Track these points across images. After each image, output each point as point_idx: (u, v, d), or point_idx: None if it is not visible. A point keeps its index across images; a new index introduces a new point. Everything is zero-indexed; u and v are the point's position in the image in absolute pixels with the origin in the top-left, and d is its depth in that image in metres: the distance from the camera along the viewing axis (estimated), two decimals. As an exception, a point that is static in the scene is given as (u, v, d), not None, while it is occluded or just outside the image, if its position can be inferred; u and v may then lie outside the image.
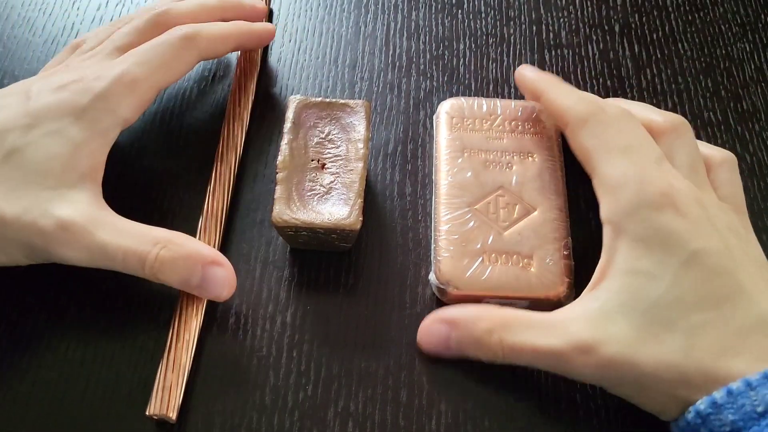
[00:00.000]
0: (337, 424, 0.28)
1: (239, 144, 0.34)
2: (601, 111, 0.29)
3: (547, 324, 0.27)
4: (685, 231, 0.26)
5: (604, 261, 0.27)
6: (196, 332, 0.29)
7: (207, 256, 0.28)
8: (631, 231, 0.26)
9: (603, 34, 0.40)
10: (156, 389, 0.27)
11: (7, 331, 0.30)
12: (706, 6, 0.42)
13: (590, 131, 0.29)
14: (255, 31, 0.36)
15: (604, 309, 0.26)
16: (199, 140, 0.35)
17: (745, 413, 0.23)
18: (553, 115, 0.32)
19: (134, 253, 0.27)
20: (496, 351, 0.27)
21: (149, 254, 0.27)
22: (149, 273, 0.27)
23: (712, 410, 0.23)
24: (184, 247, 0.28)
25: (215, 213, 0.32)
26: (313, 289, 0.31)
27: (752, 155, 0.36)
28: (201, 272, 0.28)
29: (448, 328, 0.28)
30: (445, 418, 0.28)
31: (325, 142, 0.32)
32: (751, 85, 0.38)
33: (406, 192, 0.34)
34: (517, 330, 0.27)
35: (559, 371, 0.27)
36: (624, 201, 0.27)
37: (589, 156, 0.29)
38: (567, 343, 0.26)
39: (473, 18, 0.41)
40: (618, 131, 0.29)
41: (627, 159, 0.28)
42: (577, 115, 0.29)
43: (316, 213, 0.29)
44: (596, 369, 0.26)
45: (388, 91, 0.37)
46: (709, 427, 0.24)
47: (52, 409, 0.28)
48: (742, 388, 0.23)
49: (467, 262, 0.30)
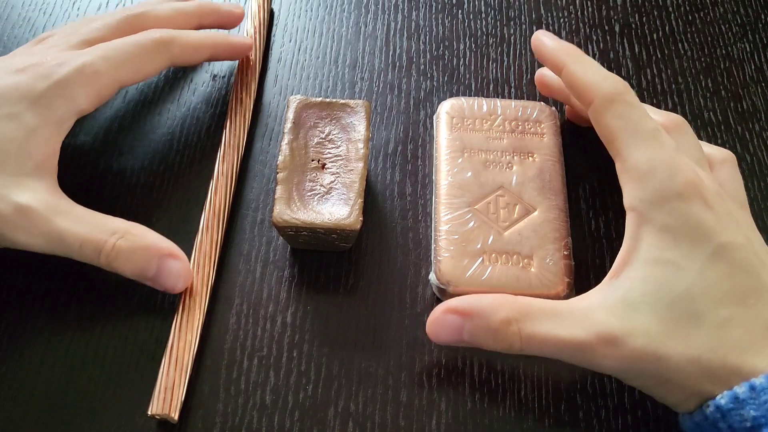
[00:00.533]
0: (337, 424, 0.28)
1: (241, 144, 0.34)
2: (629, 91, 0.28)
3: (569, 313, 0.26)
4: (713, 224, 0.25)
5: (626, 249, 0.27)
6: (198, 331, 0.29)
7: (164, 249, 0.28)
8: (658, 220, 0.26)
9: (603, 34, 0.40)
10: (158, 389, 0.27)
11: (7, 331, 0.30)
12: (707, 6, 0.42)
13: (617, 111, 0.27)
14: (231, 43, 0.36)
15: (628, 299, 0.25)
16: (200, 140, 0.35)
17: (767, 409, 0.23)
18: (576, 91, 0.29)
19: (91, 241, 0.27)
20: (513, 342, 0.26)
21: (106, 243, 0.27)
22: (104, 262, 0.28)
23: (734, 405, 0.23)
24: (142, 238, 0.28)
25: (217, 212, 0.32)
26: (313, 289, 0.31)
27: (752, 155, 0.36)
28: (157, 264, 0.28)
29: (461, 319, 0.27)
30: (445, 418, 0.28)
31: (326, 142, 0.32)
32: (751, 85, 0.38)
33: (406, 192, 0.34)
34: (537, 320, 0.26)
35: (580, 362, 0.26)
36: (651, 189, 0.26)
37: (614, 138, 0.27)
38: (592, 334, 0.25)
39: (473, 18, 0.41)
40: (646, 113, 0.28)
41: (655, 144, 0.27)
42: (604, 94, 0.27)
43: (317, 213, 0.29)
44: (621, 361, 0.25)
45: (388, 91, 0.38)
46: (728, 422, 0.23)
47: (52, 409, 0.28)
48: (765, 384, 0.23)
49: (467, 262, 0.30)
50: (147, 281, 0.29)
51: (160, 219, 0.33)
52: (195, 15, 0.35)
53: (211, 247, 0.31)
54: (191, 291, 0.30)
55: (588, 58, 0.30)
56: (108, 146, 0.35)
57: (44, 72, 0.29)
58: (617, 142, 0.27)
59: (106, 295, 0.31)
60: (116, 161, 0.35)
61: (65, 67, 0.29)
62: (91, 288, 0.31)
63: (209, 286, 0.30)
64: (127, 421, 0.28)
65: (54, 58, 0.30)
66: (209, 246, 0.31)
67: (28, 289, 0.31)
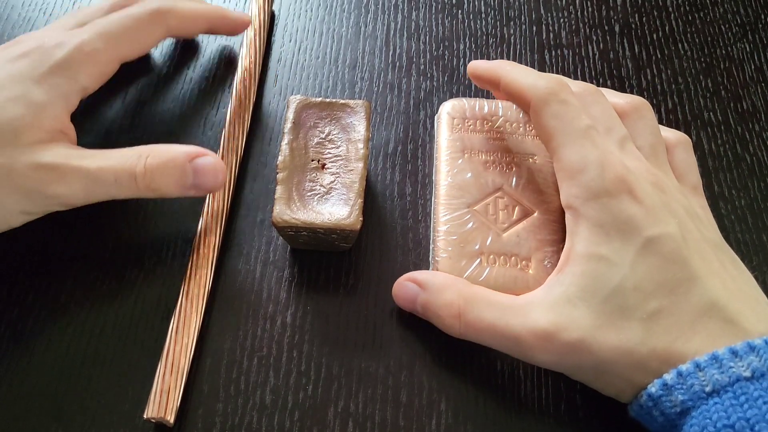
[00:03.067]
0: (337, 424, 0.28)
1: (240, 144, 0.34)
2: (563, 89, 0.28)
3: (510, 306, 0.27)
4: (641, 217, 0.26)
5: (568, 245, 0.27)
6: (195, 335, 0.29)
7: (190, 151, 0.29)
8: (591, 216, 0.26)
9: (603, 35, 0.40)
10: (153, 392, 0.27)
11: (7, 331, 0.30)
12: (706, 6, 0.42)
13: (551, 111, 0.28)
14: (229, 17, 0.36)
15: (567, 294, 0.26)
16: (200, 141, 0.35)
17: (694, 393, 0.23)
18: (514, 98, 0.30)
19: (123, 170, 0.28)
20: (453, 324, 0.28)
21: (137, 167, 0.28)
22: (143, 186, 0.28)
23: (663, 392, 0.24)
24: (168, 151, 0.29)
25: (216, 214, 0.32)
26: (313, 289, 0.31)
27: (752, 155, 0.36)
28: (191, 168, 0.29)
29: (417, 289, 0.29)
30: (445, 418, 0.28)
31: (326, 142, 0.32)
32: (751, 85, 0.38)
33: (406, 192, 0.34)
34: (478, 307, 0.27)
35: (517, 354, 0.27)
36: (584, 186, 0.27)
37: (550, 138, 0.28)
38: (527, 328, 0.26)
39: (473, 18, 0.41)
40: (580, 111, 0.28)
41: (588, 142, 0.27)
42: (538, 94, 0.28)
43: (317, 213, 0.29)
44: (555, 355, 0.26)
45: (388, 92, 0.38)
46: (660, 408, 0.24)
47: (52, 409, 0.28)
48: (691, 369, 0.24)
49: (465, 263, 0.30)
50: (191, 191, 0.29)
51: (160, 219, 0.33)
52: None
53: (209, 250, 0.31)
54: (188, 294, 0.30)
55: (521, 66, 0.31)
56: (108, 146, 0.35)
57: (44, 55, 0.29)
58: (553, 142, 0.28)
59: (106, 295, 0.31)
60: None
61: (64, 47, 0.29)
62: (91, 288, 0.31)
63: (206, 289, 0.30)
64: (127, 421, 0.28)
65: (51, 39, 0.30)
66: (208, 249, 0.31)
67: (28, 289, 0.31)
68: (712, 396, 0.23)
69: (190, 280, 0.30)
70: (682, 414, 0.24)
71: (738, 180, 0.35)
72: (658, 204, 0.26)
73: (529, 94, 0.29)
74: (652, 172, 0.28)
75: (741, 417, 0.22)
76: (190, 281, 0.30)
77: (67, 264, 0.31)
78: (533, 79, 0.29)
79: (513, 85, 0.30)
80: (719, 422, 0.22)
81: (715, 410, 0.23)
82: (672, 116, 0.37)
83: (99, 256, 0.32)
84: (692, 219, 0.27)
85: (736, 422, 0.22)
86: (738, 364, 0.23)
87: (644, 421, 0.26)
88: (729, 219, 0.34)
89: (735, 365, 0.23)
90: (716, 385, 0.23)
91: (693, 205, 0.28)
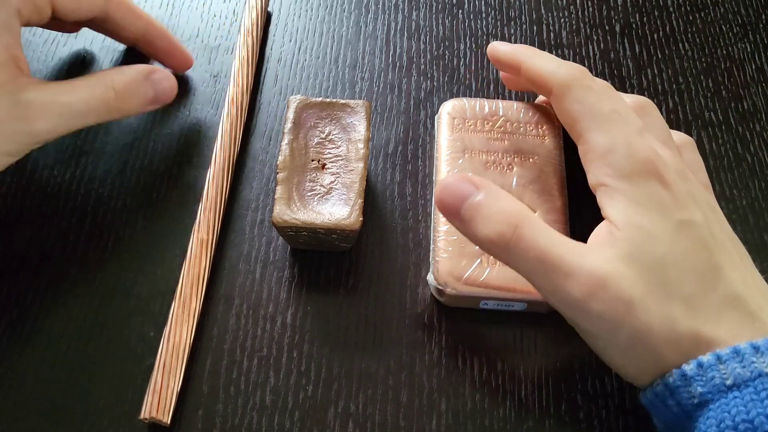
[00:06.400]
0: (337, 424, 0.28)
1: (237, 144, 0.34)
2: (585, 75, 0.29)
3: (566, 243, 0.26)
4: (670, 201, 0.26)
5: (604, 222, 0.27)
6: (190, 337, 0.29)
7: (146, 69, 0.32)
8: (626, 191, 0.26)
9: (604, 34, 0.40)
10: (148, 393, 0.27)
11: (7, 331, 0.30)
12: (707, 6, 0.42)
13: (575, 96, 0.28)
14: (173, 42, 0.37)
15: (620, 255, 0.25)
16: (198, 140, 0.35)
17: (714, 386, 0.23)
18: (535, 83, 0.30)
19: (97, 100, 0.30)
20: (505, 232, 0.25)
21: (108, 94, 0.30)
22: (114, 110, 0.31)
23: (681, 383, 0.24)
24: (128, 72, 0.32)
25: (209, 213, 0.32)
26: (313, 289, 0.31)
27: (753, 155, 0.36)
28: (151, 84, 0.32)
29: (472, 189, 0.26)
30: (445, 418, 0.28)
31: (326, 143, 0.32)
32: (751, 85, 0.38)
33: (407, 192, 0.34)
34: (537, 227, 0.26)
35: (553, 295, 0.25)
36: (613, 166, 0.27)
37: (574, 122, 0.28)
38: (584, 268, 0.25)
39: (474, 18, 0.41)
40: (603, 97, 0.28)
41: (613, 125, 0.27)
42: (561, 80, 0.29)
43: (317, 213, 0.29)
44: (602, 305, 0.24)
45: (388, 91, 0.37)
46: (677, 398, 0.24)
47: (51, 409, 0.28)
48: (712, 361, 0.23)
49: (465, 263, 0.30)
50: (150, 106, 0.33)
51: (158, 219, 0.33)
52: None
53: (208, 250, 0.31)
54: (185, 293, 0.30)
55: (543, 52, 0.31)
56: (107, 146, 0.35)
57: None
58: (578, 126, 0.28)
59: (106, 295, 0.31)
60: (115, 160, 0.35)
61: None
62: (90, 288, 0.31)
63: (201, 293, 0.30)
64: (127, 421, 0.28)
65: None
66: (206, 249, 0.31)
67: (28, 288, 0.31)
68: (732, 390, 0.23)
69: (188, 279, 0.30)
70: (699, 406, 0.24)
71: (739, 180, 0.35)
72: (684, 191, 0.26)
73: (551, 81, 0.29)
74: (676, 159, 0.28)
75: (761, 412, 0.22)
76: (188, 281, 0.30)
77: (66, 264, 0.31)
78: (555, 66, 0.29)
79: (534, 71, 0.30)
80: (738, 416, 0.22)
81: (734, 404, 0.23)
82: (673, 116, 0.37)
83: (98, 257, 0.32)
84: (712, 211, 0.27)
85: (756, 417, 0.22)
86: (759, 360, 0.23)
87: (655, 410, 0.26)
88: (730, 219, 0.34)
89: (757, 360, 0.23)
90: (738, 379, 0.23)
91: (710, 199, 0.29)
